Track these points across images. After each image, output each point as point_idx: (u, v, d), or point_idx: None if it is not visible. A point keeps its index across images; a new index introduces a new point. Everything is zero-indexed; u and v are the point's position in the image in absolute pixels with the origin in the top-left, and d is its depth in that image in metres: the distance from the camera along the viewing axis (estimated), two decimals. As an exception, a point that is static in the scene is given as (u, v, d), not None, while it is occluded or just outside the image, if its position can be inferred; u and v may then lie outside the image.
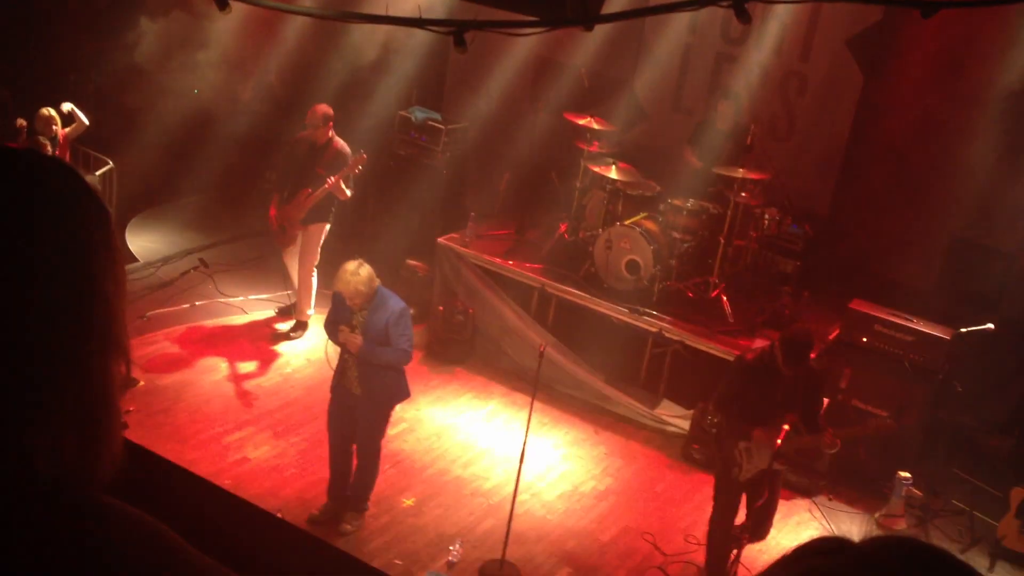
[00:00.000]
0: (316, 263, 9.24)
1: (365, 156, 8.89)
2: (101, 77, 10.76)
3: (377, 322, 6.49)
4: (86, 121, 9.17)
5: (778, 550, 6.84)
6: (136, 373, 8.25)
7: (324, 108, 8.97)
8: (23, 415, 1.19)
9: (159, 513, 1.31)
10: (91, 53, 10.62)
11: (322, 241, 9.23)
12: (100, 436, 1.26)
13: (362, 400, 6.70)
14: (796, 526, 7.80)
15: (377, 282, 6.54)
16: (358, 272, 6.46)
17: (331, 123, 8.98)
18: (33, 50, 10.34)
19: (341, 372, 6.77)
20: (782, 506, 7.07)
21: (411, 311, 6.75)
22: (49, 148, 8.80)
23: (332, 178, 8.81)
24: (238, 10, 4.41)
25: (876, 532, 7.63)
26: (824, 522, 7.91)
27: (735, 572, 6.48)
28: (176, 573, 1.26)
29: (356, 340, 6.45)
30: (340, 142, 9.01)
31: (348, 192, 9.00)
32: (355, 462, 6.95)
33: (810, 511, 7.97)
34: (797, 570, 1.01)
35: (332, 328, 6.75)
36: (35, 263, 1.22)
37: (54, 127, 9.04)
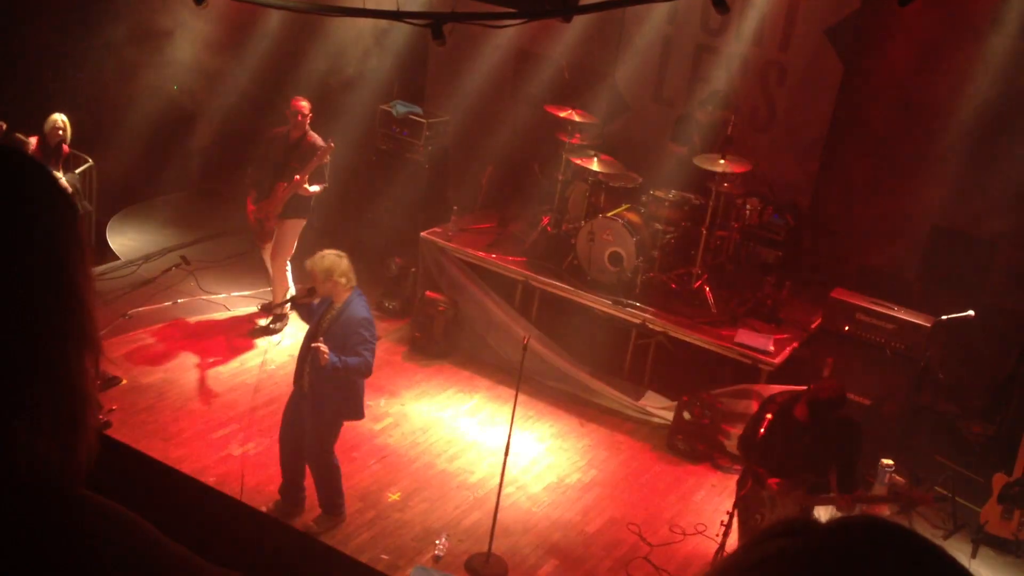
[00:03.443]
0: (290, 257, 9.22)
1: (332, 145, 8.87)
2: (79, 75, 10.68)
3: (340, 326, 6.46)
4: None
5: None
6: (119, 371, 8.22)
7: (307, 102, 8.98)
8: (1, 412, 1.19)
9: (143, 510, 1.31)
10: (68, 52, 10.53)
11: (298, 236, 9.21)
12: (75, 430, 1.27)
13: (310, 405, 6.65)
14: (781, 515, 7.83)
15: (343, 280, 6.46)
16: (327, 257, 6.49)
17: (310, 116, 9.00)
18: (8, 51, 10.24)
19: (300, 365, 6.71)
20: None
21: (373, 321, 6.61)
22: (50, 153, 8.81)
23: (297, 176, 8.80)
24: (217, 5, 4.39)
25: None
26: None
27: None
28: (153, 563, 1.27)
29: (324, 354, 6.31)
30: (314, 135, 9.00)
31: (312, 188, 8.97)
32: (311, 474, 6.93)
33: (795, 499, 8.00)
34: (761, 552, 1.01)
35: (304, 310, 6.75)
36: (11, 261, 1.22)
37: (60, 132, 9.01)
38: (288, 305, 7.03)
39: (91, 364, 1.30)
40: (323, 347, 6.31)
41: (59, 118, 9.05)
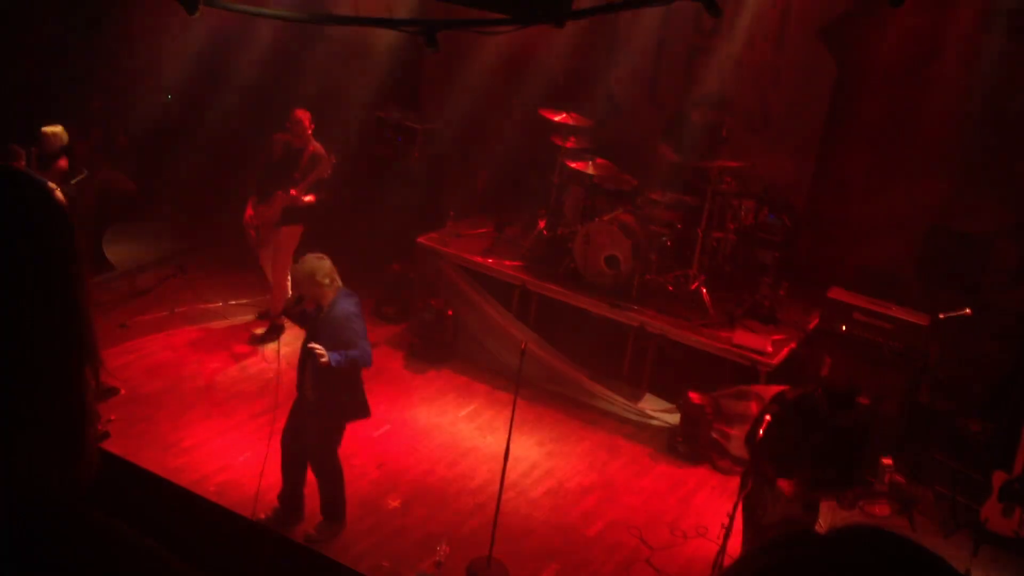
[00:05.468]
0: (291, 265, 9.22)
1: (334, 159, 8.90)
2: (75, 87, 10.67)
3: (328, 326, 6.46)
4: None
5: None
6: (117, 382, 8.20)
7: (307, 114, 8.98)
8: (3, 427, 1.19)
9: (141, 523, 1.31)
10: (64, 64, 10.53)
11: (297, 242, 9.21)
12: (74, 444, 1.27)
13: (313, 407, 6.66)
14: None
15: (326, 281, 6.45)
16: (308, 262, 6.51)
17: (312, 127, 9.01)
18: (6, 62, 10.25)
19: (301, 370, 6.72)
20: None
21: (360, 315, 6.63)
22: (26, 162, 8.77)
23: (293, 190, 8.82)
24: (209, 14, 4.38)
25: (858, 519, 7.66)
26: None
27: None
28: None
29: (320, 355, 6.32)
30: (317, 144, 9.01)
31: (307, 197, 8.98)
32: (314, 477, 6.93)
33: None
34: (764, 563, 1.02)
35: (302, 319, 6.74)
36: (15, 275, 1.22)
37: (57, 143, 9.03)
38: (283, 317, 7.11)
39: (90, 376, 1.30)
40: (318, 348, 6.31)
41: (56, 129, 9.05)
